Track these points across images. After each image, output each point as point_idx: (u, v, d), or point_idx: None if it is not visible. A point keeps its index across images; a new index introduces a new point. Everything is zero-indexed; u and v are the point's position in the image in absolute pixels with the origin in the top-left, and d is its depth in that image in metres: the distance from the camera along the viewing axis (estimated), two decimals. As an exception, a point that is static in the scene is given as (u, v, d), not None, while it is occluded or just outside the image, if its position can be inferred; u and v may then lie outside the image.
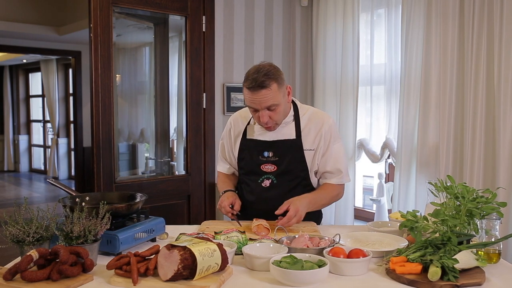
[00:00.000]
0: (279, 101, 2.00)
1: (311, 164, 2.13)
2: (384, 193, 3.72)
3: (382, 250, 1.59)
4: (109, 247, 1.61)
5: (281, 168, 2.11)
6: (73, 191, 1.90)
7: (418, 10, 3.21)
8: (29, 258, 1.35)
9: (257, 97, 1.96)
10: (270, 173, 2.12)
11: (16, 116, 10.96)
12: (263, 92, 1.95)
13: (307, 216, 2.04)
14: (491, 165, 2.86)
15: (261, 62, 2.05)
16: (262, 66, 2.00)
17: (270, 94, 1.96)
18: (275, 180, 2.12)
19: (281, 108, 2.03)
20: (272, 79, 1.96)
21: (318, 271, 1.36)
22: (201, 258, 1.34)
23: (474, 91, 2.91)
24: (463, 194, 1.56)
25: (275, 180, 2.12)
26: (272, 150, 2.12)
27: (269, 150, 2.12)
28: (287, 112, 2.12)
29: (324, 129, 2.12)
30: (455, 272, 1.35)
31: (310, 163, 2.13)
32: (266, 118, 2.01)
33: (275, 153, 2.11)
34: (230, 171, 2.34)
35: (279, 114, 2.04)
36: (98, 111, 3.17)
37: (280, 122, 2.09)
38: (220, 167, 2.39)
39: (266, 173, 2.13)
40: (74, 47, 7.45)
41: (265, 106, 1.98)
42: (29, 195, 8.43)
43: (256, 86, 1.94)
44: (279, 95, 2.00)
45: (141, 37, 4.14)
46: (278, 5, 4.09)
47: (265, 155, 2.13)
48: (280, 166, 2.11)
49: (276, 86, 1.98)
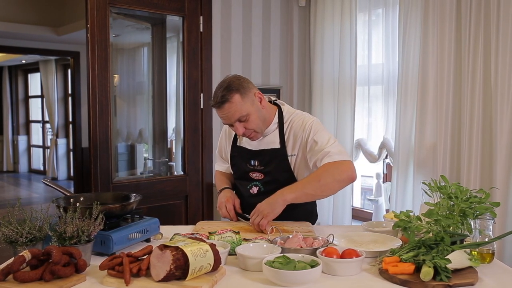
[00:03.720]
0: (247, 110, 1.99)
1: (296, 170, 2.11)
2: (382, 193, 3.72)
3: (375, 250, 1.59)
4: (103, 248, 1.61)
5: (268, 177, 2.11)
6: (68, 192, 1.90)
7: (415, 10, 3.21)
8: (22, 259, 1.35)
9: (223, 113, 1.99)
10: (258, 180, 2.13)
11: (15, 117, 10.97)
12: (226, 107, 1.96)
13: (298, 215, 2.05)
14: (488, 165, 2.86)
15: (225, 77, 2.05)
16: (223, 81, 2.02)
17: (233, 107, 1.96)
18: (262, 188, 2.12)
19: (253, 117, 2.01)
20: (232, 91, 1.96)
21: (311, 271, 1.36)
22: (193, 259, 1.33)
23: (471, 91, 2.91)
24: (457, 194, 1.56)
25: (262, 188, 2.12)
26: (258, 159, 2.12)
27: (255, 159, 2.13)
28: (266, 118, 2.09)
29: (304, 132, 2.06)
30: (448, 272, 1.35)
31: (295, 169, 2.10)
32: (241, 129, 2.02)
33: (260, 162, 2.11)
34: (229, 170, 2.33)
35: (253, 122, 2.02)
36: (95, 111, 3.17)
37: (259, 129, 2.06)
38: (218, 166, 2.40)
39: (254, 180, 2.14)
40: (72, 47, 7.46)
41: (234, 119, 1.99)
42: (28, 196, 8.44)
43: (218, 103, 1.97)
44: (245, 105, 1.99)
45: (139, 38, 4.15)
46: (275, 5, 4.09)
47: (252, 164, 2.14)
48: (267, 175, 2.11)
49: (239, 97, 1.97)
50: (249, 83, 2.06)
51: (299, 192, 1.94)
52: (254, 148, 2.14)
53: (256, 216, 1.91)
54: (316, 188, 1.93)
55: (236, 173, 2.24)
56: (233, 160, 2.23)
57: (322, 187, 1.94)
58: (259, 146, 2.13)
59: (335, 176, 1.94)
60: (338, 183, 1.96)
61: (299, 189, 1.95)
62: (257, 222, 1.90)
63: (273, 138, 2.12)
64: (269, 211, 1.89)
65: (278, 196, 1.93)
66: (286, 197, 1.92)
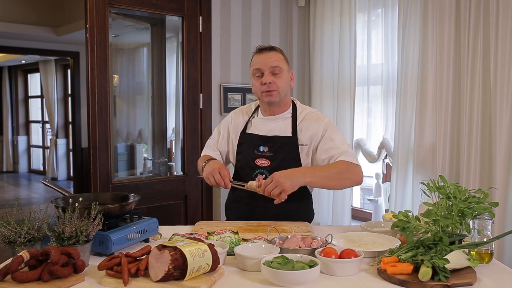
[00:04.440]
0: (284, 68, 2.13)
1: (304, 160, 2.14)
2: (381, 193, 3.72)
3: (374, 250, 1.59)
4: (102, 248, 1.61)
5: (275, 163, 2.12)
6: (67, 192, 1.90)
7: (415, 10, 3.21)
8: (20, 259, 1.35)
9: (264, 57, 2.12)
10: (264, 167, 2.13)
11: (15, 117, 10.97)
12: (270, 53, 2.12)
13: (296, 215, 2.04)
14: (488, 165, 2.86)
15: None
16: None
17: (277, 57, 2.12)
18: (268, 175, 2.10)
19: (284, 79, 2.13)
20: (280, 51, 2.16)
21: (309, 272, 1.36)
22: (191, 259, 1.33)
23: (471, 91, 2.91)
24: (455, 194, 1.56)
25: (268, 175, 2.09)
26: (268, 145, 2.15)
27: (266, 145, 2.15)
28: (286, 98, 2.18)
29: (320, 126, 2.14)
30: (446, 272, 1.35)
31: (303, 159, 2.14)
32: (269, 78, 2.10)
33: (270, 148, 2.14)
34: (218, 158, 2.29)
35: (282, 82, 2.12)
36: (94, 111, 3.17)
37: (282, 92, 2.14)
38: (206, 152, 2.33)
39: (259, 168, 2.15)
40: (72, 47, 7.46)
41: (270, 65, 2.10)
42: (28, 196, 8.44)
43: (265, 49, 2.14)
44: (284, 64, 2.14)
45: (138, 38, 4.15)
46: (275, 5, 4.09)
47: (261, 150, 2.15)
48: (274, 161, 2.12)
49: (283, 57, 2.15)
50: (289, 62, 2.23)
51: (318, 178, 1.96)
52: (266, 134, 2.17)
53: (274, 186, 1.86)
54: (333, 180, 2.00)
55: (242, 161, 2.22)
56: (240, 147, 2.22)
57: (338, 181, 2.01)
58: (270, 132, 2.16)
59: (352, 175, 2.04)
60: (350, 182, 2.09)
61: (319, 175, 1.97)
62: (274, 192, 1.86)
63: (285, 126, 2.17)
64: (289, 186, 1.87)
65: (300, 175, 1.92)
66: (306, 179, 1.92)
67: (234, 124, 2.29)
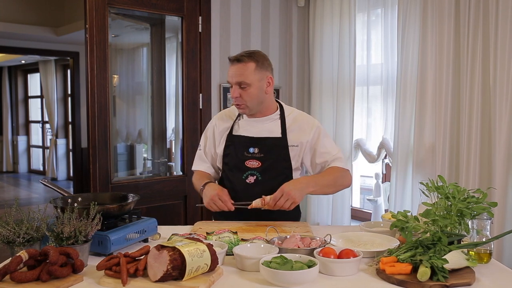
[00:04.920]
0: (252, 81, 2.06)
1: (295, 161, 2.15)
2: (381, 193, 3.72)
3: (373, 251, 1.59)
4: (101, 248, 1.61)
5: (266, 164, 2.12)
6: (66, 192, 1.90)
7: (414, 11, 3.21)
8: (19, 259, 1.35)
9: (232, 69, 2.08)
10: (254, 169, 2.13)
11: (15, 117, 10.97)
12: (238, 66, 2.06)
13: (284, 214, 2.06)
14: (487, 165, 2.86)
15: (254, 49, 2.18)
16: (252, 49, 2.16)
17: (243, 70, 2.05)
18: (260, 177, 2.12)
19: (253, 91, 2.07)
20: (252, 59, 2.07)
21: (308, 272, 1.36)
22: (190, 259, 1.33)
23: (470, 91, 2.91)
24: (454, 194, 1.56)
25: (260, 176, 2.12)
26: (257, 146, 2.13)
27: (255, 146, 2.14)
28: (264, 103, 2.14)
29: (311, 128, 2.16)
30: (445, 272, 1.35)
31: (294, 160, 2.14)
32: (235, 93, 2.08)
33: (260, 150, 2.13)
34: (209, 170, 2.30)
35: (250, 96, 2.08)
36: (94, 111, 3.17)
37: (251, 105, 2.11)
38: (197, 166, 2.33)
39: (250, 169, 2.14)
40: (72, 48, 7.46)
41: (235, 80, 2.07)
42: (28, 196, 8.44)
43: (234, 59, 2.08)
44: (253, 76, 2.06)
45: (138, 38, 4.15)
46: (274, 5, 4.09)
47: (250, 151, 2.14)
48: (265, 162, 2.12)
49: (254, 66, 2.06)
50: (270, 65, 2.16)
51: (319, 187, 2.06)
52: (254, 135, 2.16)
53: (285, 199, 1.93)
54: (330, 187, 2.13)
55: (230, 163, 2.20)
56: (227, 149, 2.20)
57: (334, 188, 2.15)
58: (259, 134, 2.15)
59: (344, 181, 2.16)
60: (342, 188, 2.19)
61: (320, 185, 2.06)
62: (286, 205, 1.93)
63: (274, 127, 2.16)
64: (299, 197, 1.95)
65: (305, 185, 2.00)
66: (310, 189, 2.02)
67: (219, 128, 2.26)
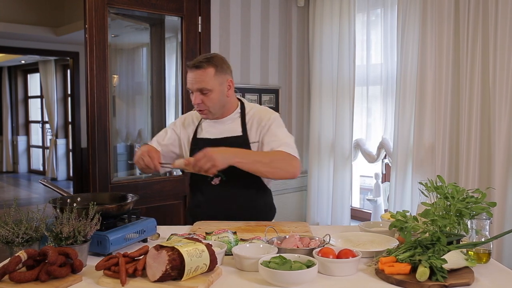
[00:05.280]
0: (213, 87, 2.06)
1: None
2: (380, 193, 3.72)
3: (372, 251, 1.59)
4: (100, 248, 1.61)
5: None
6: (65, 192, 1.90)
7: (414, 11, 3.21)
8: (17, 259, 1.35)
9: (192, 77, 2.06)
10: (220, 170, 2.07)
11: (15, 117, 10.97)
12: (198, 72, 2.05)
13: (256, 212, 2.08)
14: (487, 165, 2.86)
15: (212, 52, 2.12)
16: (209, 53, 2.12)
17: (203, 76, 2.04)
18: (225, 177, 2.11)
19: (214, 96, 2.07)
20: (211, 64, 2.05)
21: (306, 272, 1.36)
22: (189, 259, 1.34)
23: (470, 91, 2.91)
24: (453, 194, 1.56)
25: (224, 177, 2.10)
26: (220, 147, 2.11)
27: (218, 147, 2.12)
28: (225, 106, 2.15)
29: (266, 121, 2.13)
30: (444, 272, 1.35)
31: None
32: (197, 100, 2.07)
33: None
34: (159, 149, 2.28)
35: (212, 101, 2.08)
36: (93, 112, 3.17)
37: (214, 110, 2.11)
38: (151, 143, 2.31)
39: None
40: (72, 48, 7.46)
41: (196, 87, 2.06)
42: (28, 196, 8.44)
43: (193, 66, 2.05)
44: (214, 81, 2.06)
45: (138, 38, 4.15)
46: (274, 5, 4.09)
47: None
48: None
49: (213, 71, 2.06)
50: (229, 68, 2.15)
51: (249, 161, 1.96)
52: (216, 136, 2.15)
53: (206, 160, 1.86)
54: (264, 166, 1.98)
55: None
56: (193, 153, 2.15)
57: (270, 169, 1.99)
58: (220, 134, 2.15)
59: (285, 166, 2.01)
60: (283, 173, 2.02)
61: (250, 159, 1.97)
62: (206, 167, 1.86)
63: (234, 127, 2.16)
64: (220, 161, 1.87)
65: (232, 154, 1.93)
66: (237, 159, 1.93)
67: (184, 131, 2.27)
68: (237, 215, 2.12)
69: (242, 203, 2.17)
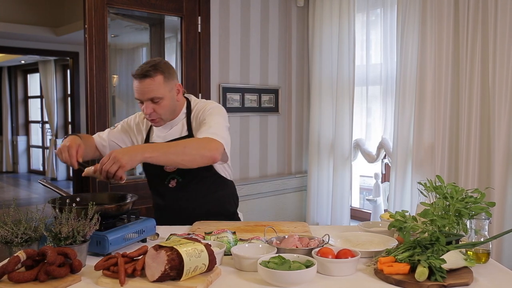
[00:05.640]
0: (164, 94, 2.02)
1: None
2: (380, 193, 3.72)
3: (371, 251, 1.59)
4: (99, 248, 1.61)
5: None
6: (64, 192, 1.90)
7: (413, 11, 3.21)
8: (16, 259, 1.35)
9: (140, 87, 2.00)
10: (173, 172, 2.12)
11: (15, 117, 10.97)
12: (147, 82, 1.99)
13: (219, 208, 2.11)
14: (486, 165, 2.86)
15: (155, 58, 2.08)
16: (152, 59, 2.05)
17: (153, 85, 1.99)
18: (180, 179, 2.11)
19: (166, 103, 2.04)
20: (158, 71, 2.00)
21: (305, 272, 1.36)
22: (188, 259, 1.33)
23: (469, 91, 2.91)
24: (452, 194, 1.56)
25: (180, 178, 2.11)
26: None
27: None
28: (176, 110, 2.13)
29: (203, 112, 2.09)
30: (442, 272, 1.35)
31: None
32: (149, 109, 2.02)
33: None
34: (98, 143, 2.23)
35: (164, 108, 2.05)
36: (93, 112, 3.18)
37: (165, 117, 2.08)
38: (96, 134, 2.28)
39: (169, 173, 2.13)
40: (71, 48, 7.47)
41: (147, 97, 2.01)
42: (28, 196, 8.44)
43: (141, 75, 1.99)
44: (164, 89, 2.02)
45: (138, 38, 4.15)
46: (274, 5, 4.09)
47: None
48: None
49: (162, 78, 2.01)
50: (175, 72, 2.11)
51: (160, 153, 1.85)
52: (165, 140, 2.13)
53: (111, 163, 1.73)
54: (179, 155, 1.86)
55: (151, 171, 2.20)
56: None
57: (184, 156, 1.87)
58: (168, 137, 2.14)
59: (200, 150, 1.90)
60: (200, 158, 1.91)
61: (162, 150, 1.87)
62: (112, 170, 1.73)
63: (181, 127, 2.15)
64: (127, 161, 1.74)
65: (139, 151, 1.81)
66: (146, 154, 1.81)
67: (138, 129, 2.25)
68: (198, 212, 2.12)
69: (202, 200, 2.16)
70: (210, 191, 2.18)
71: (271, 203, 4.01)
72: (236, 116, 3.91)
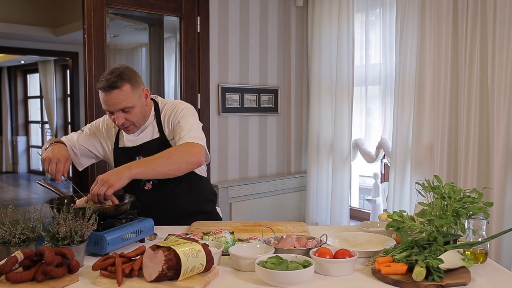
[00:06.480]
0: (134, 103, 2.01)
1: None
2: (379, 193, 3.72)
3: (369, 250, 1.59)
4: (97, 248, 1.61)
5: None
6: (63, 192, 1.90)
7: (412, 10, 3.21)
8: (14, 259, 1.35)
9: (109, 99, 1.97)
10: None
11: (15, 117, 10.97)
12: (115, 93, 1.96)
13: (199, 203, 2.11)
14: (485, 165, 2.86)
15: (118, 65, 2.04)
16: (117, 68, 2.01)
17: (122, 96, 1.97)
18: (156, 181, 2.10)
19: (137, 110, 2.03)
20: (125, 80, 1.97)
21: (303, 272, 1.36)
22: (185, 259, 1.33)
23: (468, 91, 2.91)
24: (450, 194, 1.56)
25: (156, 180, 2.10)
26: (141, 153, 2.10)
27: (139, 154, 2.10)
28: (147, 114, 2.12)
29: (174, 114, 2.09)
30: (440, 272, 1.35)
31: None
32: (121, 120, 2.01)
33: (145, 155, 2.02)
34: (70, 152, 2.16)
35: (135, 116, 2.04)
36: (92, 112, 3.18)
37: (138, 123, 2.08)
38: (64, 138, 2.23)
39: None
40: (71, 48, 7.47)
41: (118, 108, 1.98)
42: (28, 196, 8.44)
43: (108, 87, 1.95)
44: (133, 97, 2.00)
45: (137, 38, 4.15)
46: (273, 5, 4.09)
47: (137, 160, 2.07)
48: None
49: (130, 87, 1.99)
50: (140, 77, 2.08)
51: (146, 168, 1.87)
52: (136, 144, 2.13)
53: (100, 186, 1.75)
54: (164, 165, 1.89)
55: None
56: (117, 163, 2.11)
57: (170, 166, 1.90)
58: (139, 141, 2.13)
59: (184, 157, 1.93)
60: (185, 165, 1.95)
61: (147, 164, 1.88)
62: (101, 191, 1.74)
63: (152, 130, 2.14)
64: (115, 181, 1.77)
65: (125, 169, 1.83)
66: (133, 171, 1.83)
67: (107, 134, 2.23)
68: (176, 211, 2.13)
69: (178, 199, 2.16)
70: (187, 190, 2.18)
71: (270, 203, 4.01)
72: (235, 116, 3.91)
